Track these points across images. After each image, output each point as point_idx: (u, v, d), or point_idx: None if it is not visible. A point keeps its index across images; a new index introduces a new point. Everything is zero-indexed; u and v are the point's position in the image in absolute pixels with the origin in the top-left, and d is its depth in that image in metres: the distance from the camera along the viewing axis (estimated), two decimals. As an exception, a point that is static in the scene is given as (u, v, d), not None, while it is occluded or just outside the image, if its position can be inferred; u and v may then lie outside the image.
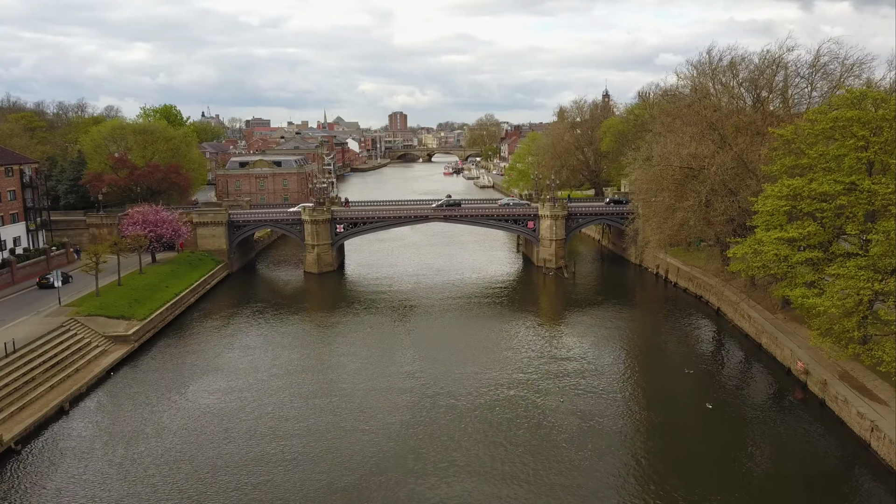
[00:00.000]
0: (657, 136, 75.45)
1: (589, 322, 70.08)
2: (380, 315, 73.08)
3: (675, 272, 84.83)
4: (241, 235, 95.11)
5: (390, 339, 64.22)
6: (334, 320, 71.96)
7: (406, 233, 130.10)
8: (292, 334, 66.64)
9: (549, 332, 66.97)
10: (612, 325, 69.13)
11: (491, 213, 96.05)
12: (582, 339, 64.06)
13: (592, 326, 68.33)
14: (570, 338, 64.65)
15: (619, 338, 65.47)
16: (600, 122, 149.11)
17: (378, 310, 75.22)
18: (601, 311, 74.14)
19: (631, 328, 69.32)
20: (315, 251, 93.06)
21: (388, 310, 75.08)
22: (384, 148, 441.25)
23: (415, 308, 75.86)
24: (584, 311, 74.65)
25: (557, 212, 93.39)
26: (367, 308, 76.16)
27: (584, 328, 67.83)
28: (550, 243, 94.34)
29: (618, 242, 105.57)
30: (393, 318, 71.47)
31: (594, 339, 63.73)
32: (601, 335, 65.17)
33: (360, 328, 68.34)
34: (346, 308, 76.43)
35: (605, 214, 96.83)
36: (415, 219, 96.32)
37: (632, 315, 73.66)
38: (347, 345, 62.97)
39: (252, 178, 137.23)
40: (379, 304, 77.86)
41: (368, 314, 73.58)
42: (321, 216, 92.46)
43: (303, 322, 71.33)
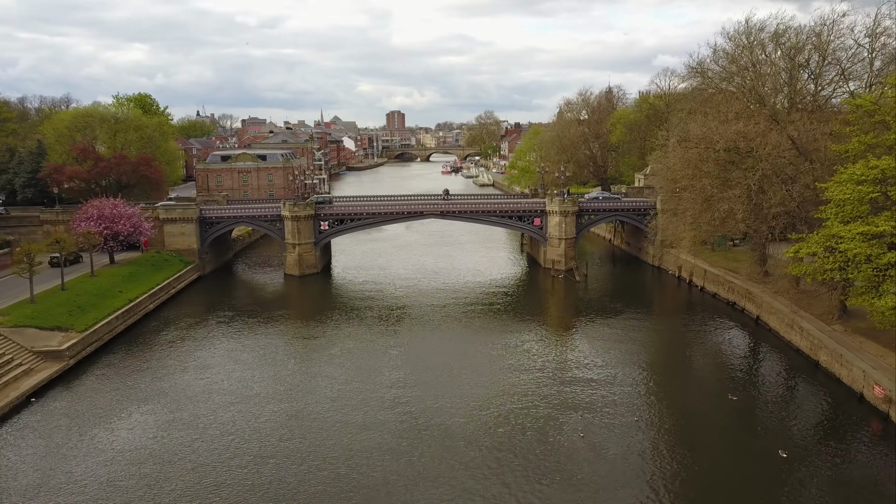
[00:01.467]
0: (691, 115, 65.45)
1: (606, 334, 60.23)
2: (366, 326, 63.22)
3: (700, 275, 74.99)
4: (215, 233, 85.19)
5: (376, 356, 54.34)
6: (312, 332, 62.07)
7: (400, 232, 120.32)
8: (260, 349, 56.70)
9: (561, 348, 57.14)
10: (634, 337, 59.31)
11: (493, 208, 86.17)
12: (599, 355, 54.21)
13: (610, 340, 58.49)
14: (585, 354, 54.81)
15: (643, 353, 55.64)
16: (608, 113, 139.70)
17: (364, 319, 65.36)
18: (619, 320, 64.28)
19: (656, 342, 59.51)
20: (296, 251, 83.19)
21: (375, 319, 65.23)
22: (381, 147, 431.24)
23: (407, 317, 66.01)
24: (600, 320, 64.78)
25: (567, 207, 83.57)
26: (351, 317, 66.27)
27: (600, 342, 57.99)
28: (559, 243, 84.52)
29: (633, 242, 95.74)
30: (381, 330, 61.62)
31: (614, 356, 53.88)
32: (622, 351, 55.32)
33: (342, 343, 58.44)
34: (328, 317, 66.52)
35: (620, 210, 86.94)
36: (408, 215, 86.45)
37: (655, 326, 63.82)
38: (325, 363, 53.09)
39: (234, 172, 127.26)
40: (365, 312, 68.00)
41: (352, 325, 63.69)
42: (303, 212, 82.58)
43: (274, 334, 61.40)
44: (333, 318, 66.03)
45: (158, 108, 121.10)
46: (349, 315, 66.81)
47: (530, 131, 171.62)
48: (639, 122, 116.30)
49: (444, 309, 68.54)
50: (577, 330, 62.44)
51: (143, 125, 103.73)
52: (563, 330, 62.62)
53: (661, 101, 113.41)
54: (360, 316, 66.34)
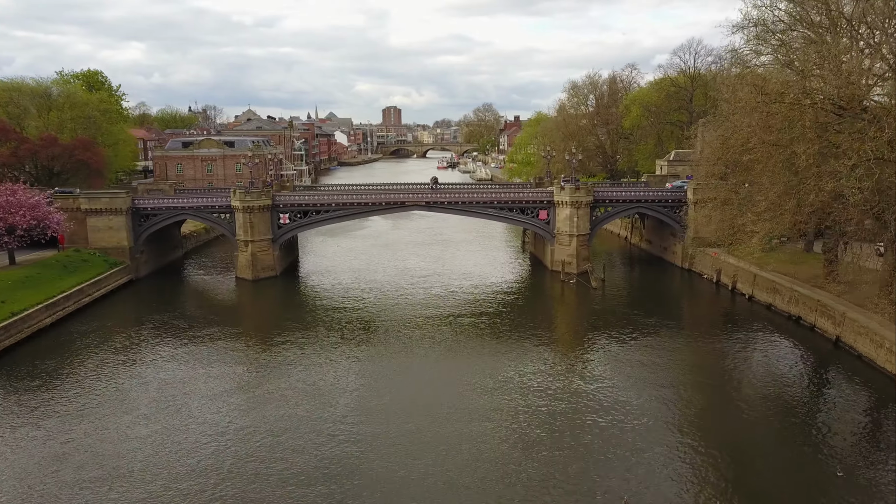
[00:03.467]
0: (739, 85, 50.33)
1: (633, 359, 45.40)
2: (326, 345, 48.33)
3: (747, 280, 60.08)
4: (151, 228, 70.16)
5: (332, 391, 39.50)
6: (255, 357, 47.15)
7: (383, 229, 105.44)
8: (181, 382, 41.76)
9: (575, 376, 42.25)
10: (670, 363, 44.58)
11: (490, 199, 71.18)
12: (625, 387, 39.55)
13: (639, 366, 43.71)
14: (607, 385, 40.08)
15: (686, 388, 40.77)
16: (619, 97, 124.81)
17: (325, 336, 50.46)
18: (649, 340, 49.44)
19: (698, 368, 44.58)
20: (249, 250, 68.19)
21: (340, 337, 50.35)
22: (376, 143, 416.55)
23: (380, 336, 51.17)
24: (624, 339, 49.89)
25: (580, 197, 68.62)
26: (310, 334, 51.35)
27: (626, 368, 43.21)
28: (570, 240, 69.57)
29: (655, 240, 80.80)
30: (345, 352, 46.81)
31: (646, 391, 39.15)
32: (655, 384, 40.52)
33: (292, 368, 43.60)
34: (280, 335, 51.62)
35: (644, 201, 71.88)
36: (387, 206, 71.43)
37: (694, 346, 48.91)
38: (263, 404, 38.16)
39: (197, 160, 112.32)
40: (329, 326, 53.13)
41: (310, 344, 48.81)
42: (256, 201, 67.61)
43: (206, 358, 46.40)
44: (288, 335, 51.10)
45: (110, 87, 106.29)
46: (309, 331, 51.88)
47: (532, 119, 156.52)
48: (658, 104, 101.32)
49: (429, 323, 53.69)
50: (595, 352, 47.54)
51: (81, 102, 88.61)
52: (578, 351, 47.71)
53: (686, 79, 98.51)
54: (321, 332, 51.46)
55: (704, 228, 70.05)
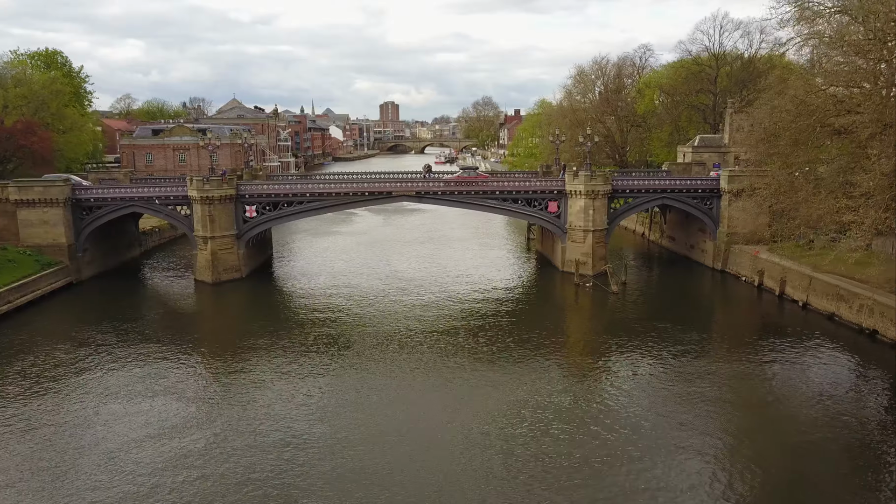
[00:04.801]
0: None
1: (665, 380, 35.66)
2: (297, 364, 38.39)
3: (800, 284, 50.09)
4: (96, 222, 60.06)
5: (305, 420, 29.60)
6: (206, 381, 37.12)
7: (372, 225, 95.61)
8: (92, 427, 31.81)
9: (595, 401, 32.35)
10: (711, 385, 34.89)
11: (491, 189, 61.11)
12: (656, 414, 29.76)
13: (674, 390, 33.92)
14: (634, 411, 30.35)
15: (732, 419, 30.88)
16: (632, 81, 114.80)
17: (297, 352, 40.48)
18: (685, 358, 39.54)
19: (750, 395, 34.55)
20: (209, 248, 58.19)
21: (315, 353, 40.42)
22: (373, 139, 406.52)
23: (365, 352, 41.28)
24: (654, 355, 39.97)
25: (597, 186, 58.67)
26: (275, 351, 41.36)
27: (659, 392, 33.51)
28: (584, 236, 59.61)
29: (679, 236, 70.78)
30: (321, 371, 36.96)
31: (681, 420, 29.27)
32: (693, 411, 30.72)
33: (253, 392, 33.64)
34: (236, 354, 41.69)
35: (671, 191, 61.73)
36: (371, 196, 61.32)
37: (743, 367, 38.74)
38: (205, 453, 28.20)
39: (168, 149, 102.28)
40: (303, 339, 43.15)
41: (275, 365, 38.91)
42: (217, 191, 57.60)
43: (130, 390, 36.39)
44: (247, 354, 41.16)
45: (72, 68, 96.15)
46: (274, 347, 41.87)
47: (536, 107, 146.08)
48: (677, 86, 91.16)
49: (420, 336, 43.73)
50: (619, 370, 37.57)
51: (27, 81, 78.44)
52: (599, 371, 37.67)
53: (710, 57, 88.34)
54: (289, 348, 41.46)
55: (741, 223, 60.46)
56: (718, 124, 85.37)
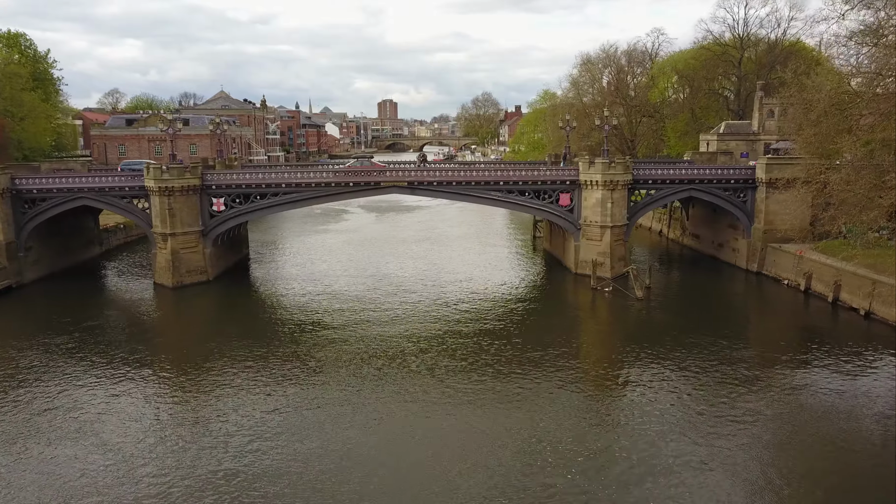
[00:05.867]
0: None
1: (708, 404, 28.01)
2: (264, 384, 30.71)
3: (862, 290, 42.36)
4: (40, 217, 52.27)
5: (273, 461, 21.96)
6: (160, 410, 29.40)
7: (363, 222, 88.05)
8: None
9: (624, 432, 24.74)
10: (763, 411, 27.13)
11: (494, 179, 53.37)
12: (697, 446, 22.31)
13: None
14: (670, 446, 22.73)
15: (790, 459, 23.26)
16: (642, 69, 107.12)
17: (264, 371, 32.82)
18: (733, 385, 31.92)
19: (810, 421, 26.87)
20: (168, 246, 50.49)
21: (286, 372, 32.73)
22: (371, 137, 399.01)
23: (347, 371, 33.72)
24: (692, 376, 32.45)
25: (616, 175, 51.04)
26: (240, 371, 33.72)
27: (699, 421, 25.90)
28: (601, 233, 51.96)
29: (705, 234, 63.07)
30: (294, 397, 29.28)
31: (728, 456, 21.71)
32: (743, 444, 23.21)
33: (212, 424, 26.00)
34: (189, 374, 34.05)
35: (699, 181, 53.92)
36: (356, 187, 53.54)
37: (801, 390, 31.16)
38: None
39: (143, 140, 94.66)
40: (273, 359, 35.47)
41: (237, 387, 31.33)
42: (178, 181, 49.90)
43: (66, 422, 28.76)
44: (207, 373, 33.57)
45: (37, 52, 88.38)
46: (240, 363, 34.26)
47: (540, 98, 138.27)
48: (695, 71, 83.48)
49: (413, 351, 36.08)
50: (650, 394, 29.89)
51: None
52: (626, 394, 29.96)
53: (735, 38, 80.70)
54: (257, 365, 33.81)
55: (780, 218, 52.87)
56: (743, 111, 77.86)
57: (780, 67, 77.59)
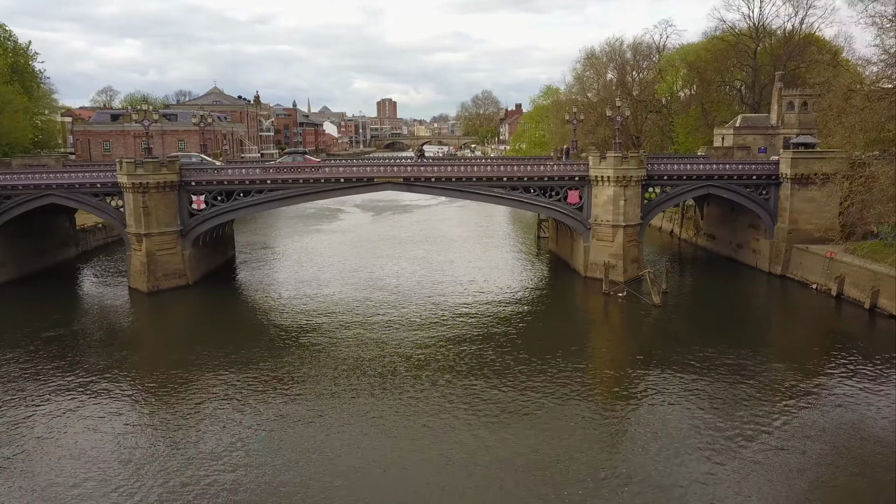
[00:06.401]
0: None
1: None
2: (245, 404, 26.67)
3: (901, 295, 38.44)
4: (5, 215, 48.16)
5: None
6: (125, 440, 25.38)
7: (360, 222, 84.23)
8: None
9: (650, 462, 20.76)
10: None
11: (497, 175, 49.33)
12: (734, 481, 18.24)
13: (759, 442, 22.27)
14: (700, 477, 18.77)
15: None
16: (648, 63, 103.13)
17: (245, 390, 28.77)
18: (771, 406, 27.96)
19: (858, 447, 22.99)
20: (143, 248, 46.49)
21: (269, 388, 28.65)
22: (370, 136, 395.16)
23: (335, 386, 29.79)
24: (721, 396, 28.45)
25: (629, 170, 47.08)
26: (217, 385, 29.81)
27: (731, 449, 21.83)
28: (614, 233, 47.96)
29: (722, 234, 59.09)
30: (277, 413, 25.14)
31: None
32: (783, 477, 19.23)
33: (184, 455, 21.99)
34: (158, 392, 30.08)
35: (718, 177, 49.89)
36: (348, 183, 49.47)
37: (856, 419, 27.19)
38: None
39: (129, 136, 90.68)
40: (254, 370, 31.43)
41: (213, 409, 27.34)
42: (154, 177, 45.91)
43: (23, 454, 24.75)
44: (180, 390, 29.55)
45: (17, 43, 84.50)
46: (218, 376, 30.32)
47: (543, 94, 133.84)
48: (707, 63, 79.39)
49: (409, 365, 32.12)
50: (674, 417, 25.85)
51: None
52: (648, 418, 25.96)
53: (750, 26, 76.58)
54: (237, 378, 29.84)
55: (806, 217, 49.00)
56: (758, 104, 73.85)
57: (797, 59, 73.68)
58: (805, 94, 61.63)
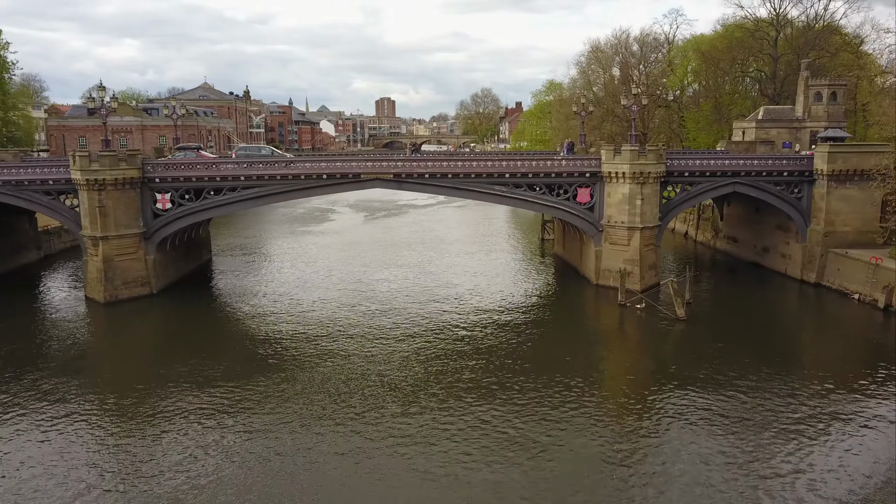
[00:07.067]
0: None
1: None
2: (199, 444, 21.46)
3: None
4: (-53, 217, 43.12)
5: None
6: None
7: (352, 223, 79.10)
8: None
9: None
10: None
11: (498, 171, 44.07)
12: None
13: None
14: None
15: None
16: (657, 56, 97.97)
17: (212, 421, 23.56)
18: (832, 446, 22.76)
19: None
20: (100, 252, 41.30)
21: (237, 419, 23.44)
22: (368, 135, 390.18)
23: (322, 417, 24.43)
24: (747, 434, 23.33)
25: (647, 166, 41.90)
26: (177, 411, 24.55)
27: None
28: (630, 237, 42.79)
29: (745, 237, 53.86)
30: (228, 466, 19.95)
31: None
32: None
33: None
34: (106, 421, 24.81)
35: (745, 174, 44.67)
36: (331, 180, 44.22)
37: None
38: None
39: (107, 131, 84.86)
40: (221, 394, 26.24)
41: (173, 439, 22.03)
42: (112, 173, 40.74)
43: None
44: (134, 419, 24.33)
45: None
46: (180, 402, 25.13)
47: (545, 89, 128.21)
48: (722, 54, 73.99)
49: (397, 388, 26.85)
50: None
51: None
52: (663, 452, 20.84)
53: (771, 13, 71.26)
54: (202, 403, 24.64)
55: (844, 218, 43.88)
56: (778, 96, 68.64)
57: (820, 48, 68.45)
58: (835, 84, 56.44)
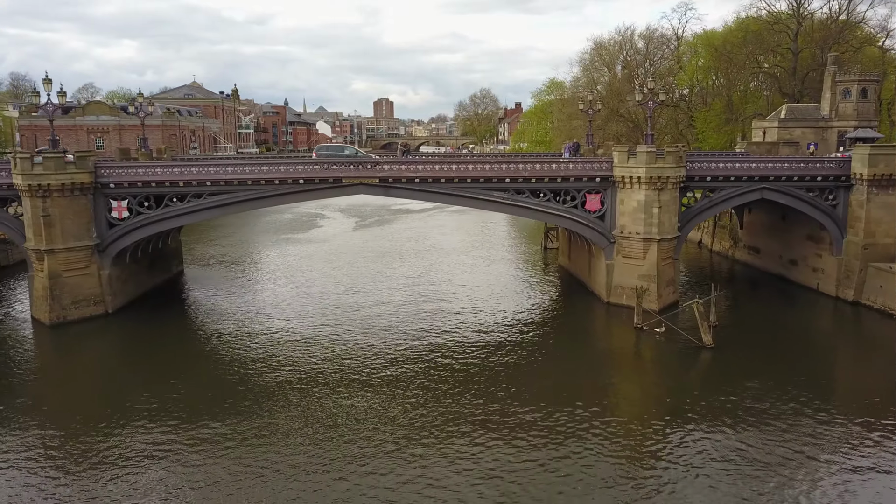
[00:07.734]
0: None
1: None
2: None
3: None
4: None
5: None
6: None
7: (338, 231, 74.29)
8: None
9: None
10: None
11: (499, 175, 39.19)
12: None
13: None
14: None
15: None
16: (664, 53, 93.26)
17: (164, 460, 18.78)
18: None
19: None
20: (45, 267, 36.42)
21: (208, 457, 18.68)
22: (365, 136, 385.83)
23: (291, 457, 19.43)
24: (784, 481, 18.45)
25: (665, 169, 37.10)
26: (127, 456, 19.58)
27: None
28: (645, 249, 37.95)
29: (769, 247, 48.98)
30: None
31: None
32: None
33: None
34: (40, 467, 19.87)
35: (775, 178, 39.87)
36: (309, 185, 39.32)
37: None
38: None
39: (82, 131, 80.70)
40: (182, 430, 21.32)
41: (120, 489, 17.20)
42: (59, 177, 35.86)
43: None
44: (67, 464, 19.46)
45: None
46: (131, 444, 20.19)
47: (547, 88, 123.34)
48: (738, 49, 69.10)
49: (384, 423, 21.91)
50: None
51: None
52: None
53: (792, 7, 66.49)
54: (154, 445, 19.74)
55: (885, 228, 38.94)
56: (800, 93, 63.92)
57: (844, 43, 63.81)
58: (865, 80, 51.74)
